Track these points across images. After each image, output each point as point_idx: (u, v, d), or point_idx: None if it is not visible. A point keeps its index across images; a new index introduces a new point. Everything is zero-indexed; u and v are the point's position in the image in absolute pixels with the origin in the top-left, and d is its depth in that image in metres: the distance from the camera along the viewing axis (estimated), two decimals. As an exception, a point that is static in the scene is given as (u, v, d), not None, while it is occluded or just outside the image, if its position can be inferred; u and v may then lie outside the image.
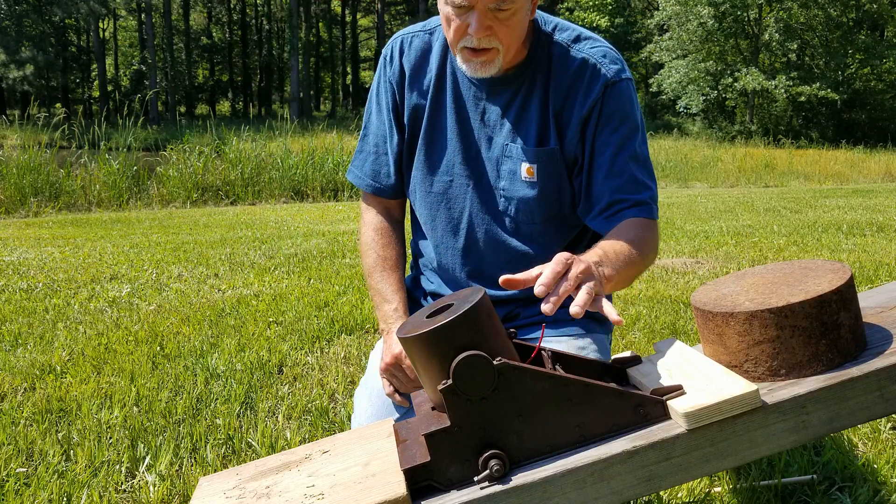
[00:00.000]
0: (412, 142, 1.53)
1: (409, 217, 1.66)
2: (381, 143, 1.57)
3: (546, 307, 0.99)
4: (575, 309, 0.99)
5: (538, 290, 1.00)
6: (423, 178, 1.52)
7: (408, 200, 1.62)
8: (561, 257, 1.05)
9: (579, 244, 1.54)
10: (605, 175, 1.40)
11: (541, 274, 1.03)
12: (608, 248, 1.24)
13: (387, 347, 1.44)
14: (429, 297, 1.61)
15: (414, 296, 1.63)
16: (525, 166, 1.42)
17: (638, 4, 37.60)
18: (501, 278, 1.04)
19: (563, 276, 1.03)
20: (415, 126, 1.52)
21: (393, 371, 1.43)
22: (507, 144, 1.44)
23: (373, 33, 53.83)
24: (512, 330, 1.06)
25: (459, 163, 1.48)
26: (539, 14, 1.45)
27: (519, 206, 1.44)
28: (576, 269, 1.05)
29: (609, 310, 1.04)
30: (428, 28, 1.52)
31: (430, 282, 1.60)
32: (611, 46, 1.47)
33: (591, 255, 1.18)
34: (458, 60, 1.38)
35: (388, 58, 1.54)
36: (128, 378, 2.80)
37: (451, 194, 1.50)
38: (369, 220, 1.60)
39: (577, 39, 1.44)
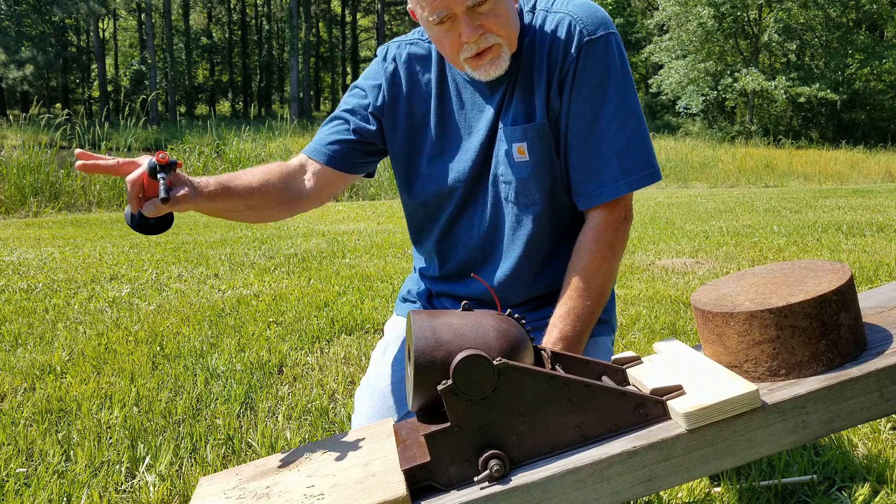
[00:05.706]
0: (414, 150, 1.50)
1: (412, 226, 1.61)
2: (349, 116, 1.51)
3: None
4: None
5: None
6: (439, 186, 1.48)
7: (388, 204, 1.60)
8: None
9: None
10: (576, 153, 1.38)
11: None
12: (563, 324, 1.33)
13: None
14: (440, 298, 1.60)
15: (428, 304, 1.62)
16: (516, 146, 1.39)
17: (638, 4, 37.60)
18: None
19: None
20: (415, 136, 1.49)
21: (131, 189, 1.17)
22: (501, 130, 1.42)
23: (373, 33, 53.81)
24: (516, 316, 1.06)
25: (470, 166, 1.45)
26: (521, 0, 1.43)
27: (518, 189, 1.41)
28: None
29: None
30: (426, 36, 1.49)
31: (445, 287, 1.58)
32: (589, 2, 1.40)
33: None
34: (468, 70, 1.36)
35: (384, 59, 1.52)
36: (128, 378, 2.80)
37: (468, 198, 1.48)
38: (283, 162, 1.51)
39: (554, 1, 1.40)
